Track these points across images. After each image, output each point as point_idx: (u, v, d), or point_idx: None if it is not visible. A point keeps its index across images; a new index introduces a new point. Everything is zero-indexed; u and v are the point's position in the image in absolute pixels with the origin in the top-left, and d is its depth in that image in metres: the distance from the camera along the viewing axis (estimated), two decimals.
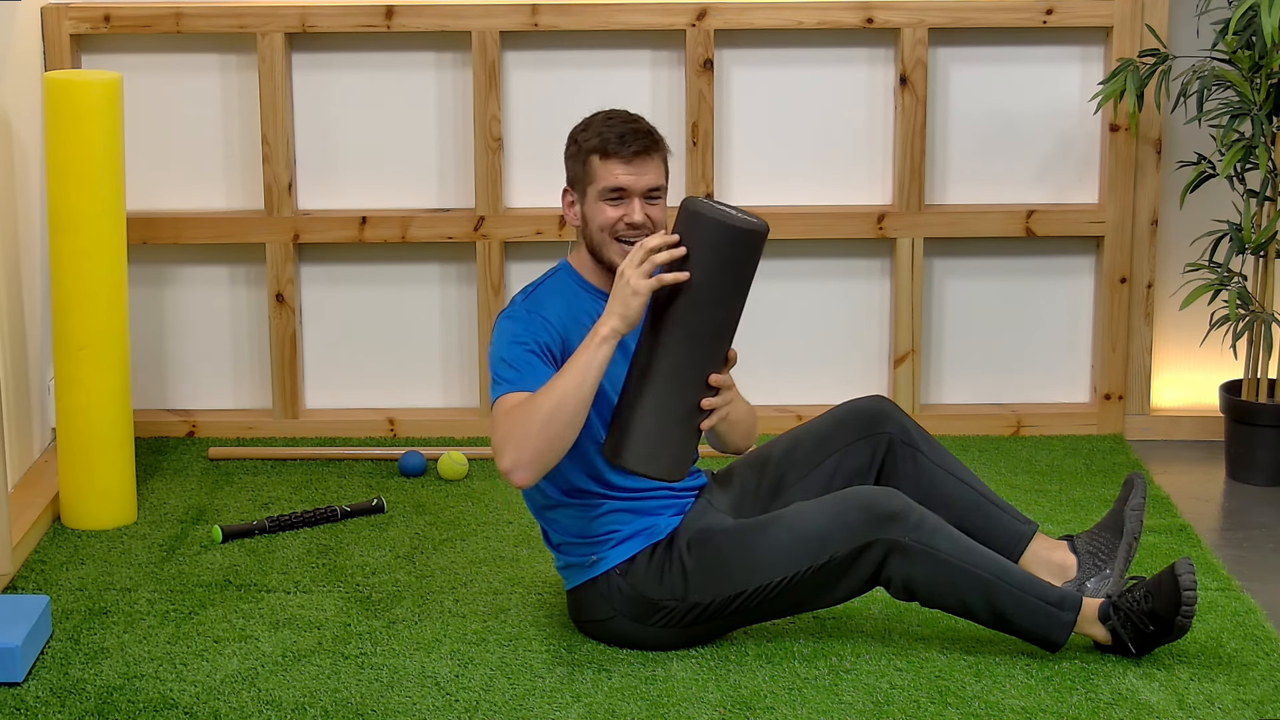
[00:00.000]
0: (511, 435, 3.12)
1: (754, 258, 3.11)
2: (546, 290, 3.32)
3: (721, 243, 3.07)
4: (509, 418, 3.13)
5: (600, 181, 3.24)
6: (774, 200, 4.68)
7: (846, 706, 3.14)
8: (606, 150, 3.23)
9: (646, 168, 3.25)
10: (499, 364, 3.22)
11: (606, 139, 3.24)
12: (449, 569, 3.79)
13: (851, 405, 3.53)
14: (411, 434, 4.69)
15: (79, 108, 3.91)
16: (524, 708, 3.15)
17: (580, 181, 3.28)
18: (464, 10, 4.51)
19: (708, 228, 3.07)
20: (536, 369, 3.19)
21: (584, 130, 3.29)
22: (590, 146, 3.25)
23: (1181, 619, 3.19)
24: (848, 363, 4.76)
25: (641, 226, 3.24)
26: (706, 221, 3.07)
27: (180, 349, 4.73)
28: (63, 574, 3.77)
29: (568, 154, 3.32)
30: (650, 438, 3.11)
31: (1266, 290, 4.34)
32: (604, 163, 3.24)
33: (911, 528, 3.22)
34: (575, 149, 3.29)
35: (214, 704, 3.16)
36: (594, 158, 3.25)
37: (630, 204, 3.24)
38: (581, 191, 3.28)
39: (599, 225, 3.26)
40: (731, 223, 3.06)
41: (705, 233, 3.08)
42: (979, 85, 4.63)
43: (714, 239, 3.07)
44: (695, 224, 3.09)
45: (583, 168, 3.27)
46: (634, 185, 3.24)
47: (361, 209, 4.64)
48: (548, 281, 3.34)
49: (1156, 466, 4.49)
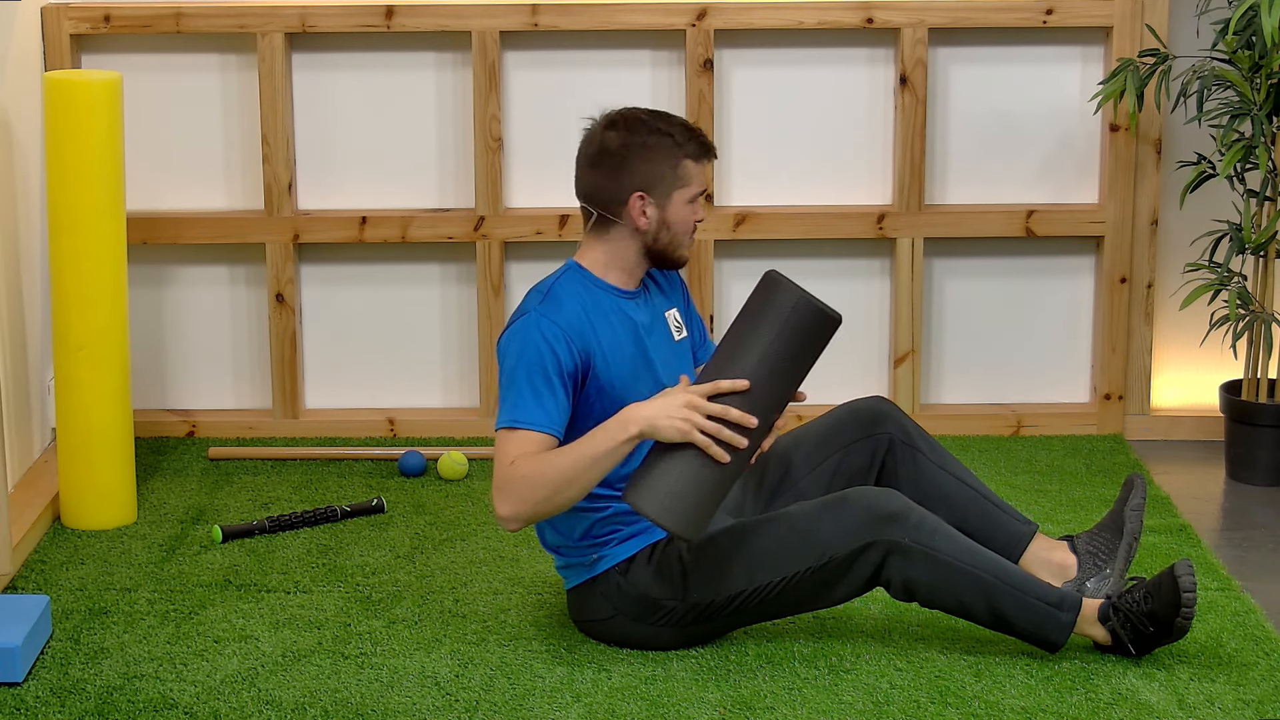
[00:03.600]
0: (515, 490, 3.14)
1: (824, 342, 3.14)
2: (560, 293, 3.27)
3: (801, 323, 3.10)
4: (516, 470, 3.14)
5: (694, 186, 3.28)
6: (774, 200, 4.68)
7: (846, 706, 3.14)
8: (699, 155, 3.28)
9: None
10: (517, 384, 3.19)
11: (701, 145, 3.28)
12: (449, 569, 3.79)
13: (851, 406, 3.53)
14: (411, 434, 4.69)
15: (79, 108, 3.91)
16: (524, 708, 3.15)
17: (665, 184, 3.25)
18: (464, 10, 4.51)
19: (791, 304, 3.09)
20: (549, 400, 3.17)
21: (668, 135, 3.25)
22: (688, 152, 3.26)
23: (1181, 621, 3.19)
24: (848, 363, 4.76)
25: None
26: (789, 295, 3.09)
27: (180, 349, 4.74)
28: (63, 574, 3.77)
29: (647, 158, 3.25)
30: (677, 497, 3.09)
31: (1266, 290, 4.34)
32: (698, 166, 3.28)
33: (911, 528, 3.22)
34: (663, 153, 3.25)
35: (214, 704, 3.17)
36: (689, 163, 3.26)
37: (699, 202, 3.32)
38: (665, 194, 3.26)
39: (685, 228, 3.29)
40: (814, 302, 3.09)
41: (786, 310, 3.10)
42: (979, 85, 4.63)
43: (796, 318, 3.09)
44: (774, 293, 3.11)
45: (673, 171, 3.25)
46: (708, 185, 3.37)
47: (361, 209, 4.64)
48: (559, 282, 3.30)
49: (1156, 466, 4.49)
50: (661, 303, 3.41)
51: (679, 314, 3.44)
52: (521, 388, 3.18)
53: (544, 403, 3.17)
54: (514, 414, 3.18)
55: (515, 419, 3.17)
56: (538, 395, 3.17)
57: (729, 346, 3.13)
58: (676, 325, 3.42)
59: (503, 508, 3.16)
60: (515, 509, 3.15)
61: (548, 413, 3.17)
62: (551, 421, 3.18)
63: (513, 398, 3.19)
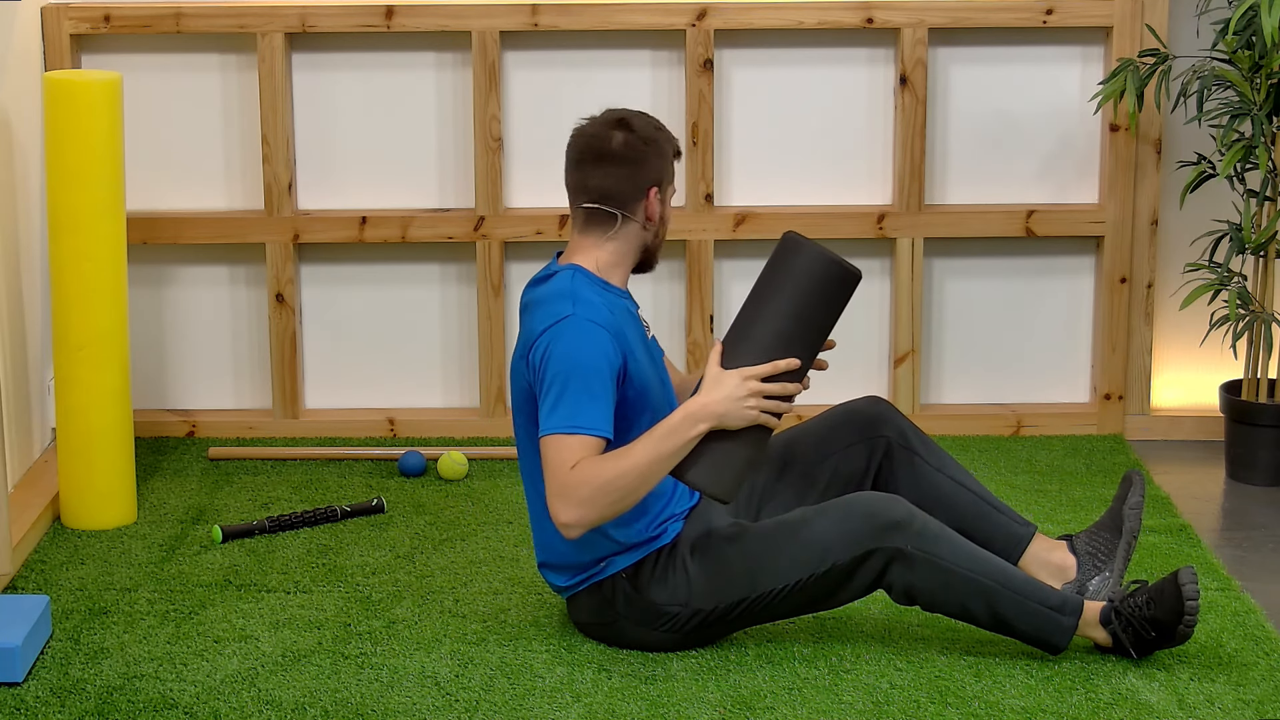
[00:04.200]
0: (581, 494, 3.10)
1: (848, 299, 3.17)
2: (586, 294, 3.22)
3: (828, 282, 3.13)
4: (580, 475, 3.10)
5: (672, 184, 3.34)
6: (774, 200, 4.68)
7: (846, 706, 3.14)
8: (679, 152, 3.34)
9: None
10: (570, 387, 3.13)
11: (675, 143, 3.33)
12: (449, 569, 3.79)
13: (848, 407, 3.53)
14: (411, 434, 4.69)
15: (79, 108, 3.91)
16: (524, 708, 3.15)
17: (664, 181, 3.30)
18: (464, 10, 4.51)
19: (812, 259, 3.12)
20: (608, 402, 3.15)
21: (661, 130, 3.30)
22: (674, 148, 3.32)
23: (1183, 628, 3.19)
24: (847, 363, 4.75)
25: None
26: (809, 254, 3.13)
27: (180, 349, 4.74)
28: (63, 574, 3.77)
29: (659, 153, 3.28)
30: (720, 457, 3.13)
31: (1266, 290, 4.34)
32: (676, 164, 3.35)
33: (914, 536, 3.22)
34: (660, 150, 3.28)
35: (214, 704, 3.16)
36: (675, 161, 3.33)
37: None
38: (665, 191, 3.31)
39: (667, 224, 3.35)
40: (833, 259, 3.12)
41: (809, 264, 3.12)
42: (979, 85, 4.63)
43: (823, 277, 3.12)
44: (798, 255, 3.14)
45: (669, 167, 3.31)
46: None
47: (361, 209, 4.64)
48: (577, 284, 3.24)
49: (1156, 466, 4.49)
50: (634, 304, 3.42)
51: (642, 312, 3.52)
52: (576, 390, 3.13)
53: (599, 405, 3.14)
54: (571, 418, 3.12)
55: (573, 423, 3.12)
56: (593, 398, 3.13)
57: (760, 311, 3.15)
58: (646, 324, 3.43)
59: (568, 514, 3.11)
60: (582, 514, 3.10)
61: (604, 415, 3.14)
62: (607, 424, 3.14)
63: (569, 401, 3.13)
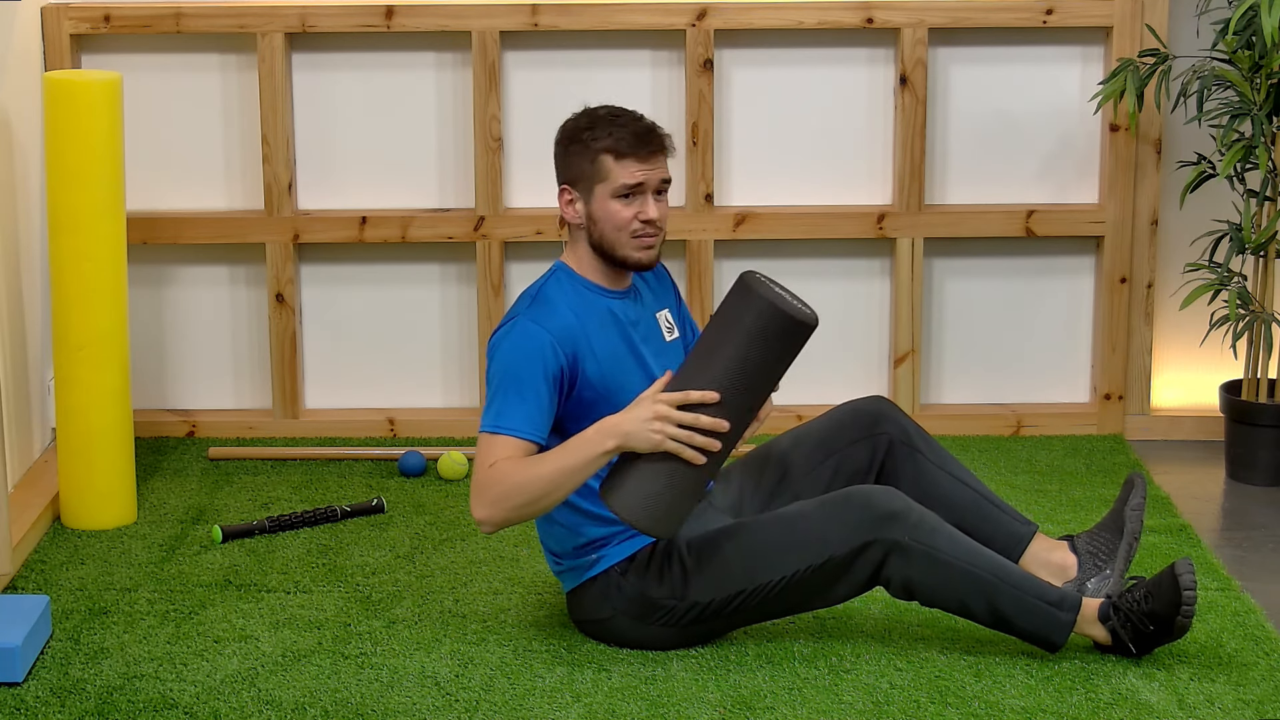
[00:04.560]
0: (492, 495, 3.15)
1: (798, 347, 3.10)
2: (549, 296, 3.28)
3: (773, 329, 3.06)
4: (494, 475, 3.15)
5: (614, 180, 3.23)
6: (774, 200, 4.68)
7: (846, 706, 3.14)
8: (621, 151, 3.22)
9: (659, 162, 3.26)
10: (502, 389, 3.20)
11: (622, 139, 3.23)
12: (449, 569, 3.79)
13: (851, 406, 3.53)
14: (411, 434, 4.69)
15: (79, 108, 3.91)
16: (524, 708, 3.15)
17: (587, 179, 3.25)
18: (464, 10, 4.51)
19: (762, 310, 3.05)
20: (533, 406, 3.18)
21: (589, 129, 3.25)
22: (603, 146, 3.23)
23: (1181, 619, 3.19)
24: (848, 363, 4.76)
25: (656, 221, 3.26)
26: (760, 302, 3.05)
27: (180, 349, 4.74)
28: (63, 574, 3.77)
29: (568, 151, 3.28)
30: (651, 498, 3.10)
31: (1266, 290, 4.34)
32: (619, 163, 3.22)
33: (911, 527, 3.22)
34: (579, 148, 3.25)
35: (214, 704, 3.16)
36: (607, 158, 3.23)
37: (645, 200, 3.25)
38: (587, 190, 3.26)
39: (614, 225, 3.25)
40: (785, 309, 3.04)
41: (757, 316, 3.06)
42: (979, 85, 4.63)
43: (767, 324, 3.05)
44: (745, 299, 3.07)
45: (591, 166, 3.24)
46: (649, 180, 3.24)
47: (361, 209, 4.64)
48: (550, 284, 3.31)
49: (1156, 466, 4.49)
50: (652, 303, 3.42)
51: (670, 315, 3.45)
52: (507, 392, 3.19)
53: (527, 408, 3.18)
54: (497, 419, 3.19)
55: (498, 424, 3.18)
56: (522, 400, 3.18)
57: (702, 351, 3.12)
58: (668, 326, 3.42)
59: (479, 510, 3.17)
60: (490, 513, 3.16)
61: (530, 419, 3.18)
62: (534, 428, 3.18)
63: (498, 403, 3.20)
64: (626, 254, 3.27)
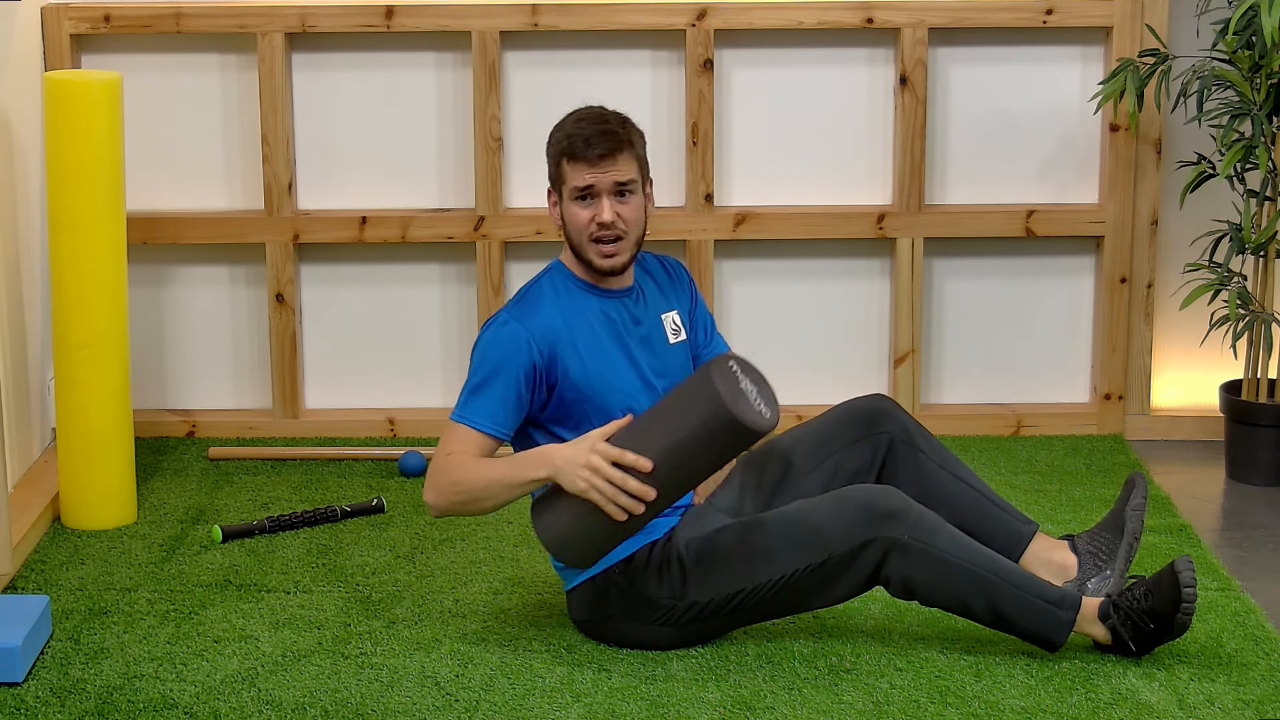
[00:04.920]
0: (440, 484, 3.22)
1: (744, 446, 3.09)
2: (539, 293, 3.33)
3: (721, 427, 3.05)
4: (447, 465, 3.21)
5: (569, 182, 3.27)
6: (774, 200, 4.68)
7: (846, 706, 3.14)
8: (572, 153, 3.26)
9: (611, 165, 3.25)
10: (472, 381, 3.27)
11: (573, 141, 3.25)
12: (449, 569, 3.79)
13: (852, 405, 3.53)
14: (411, 434, 4.69)
15: (79, 108, 3.91)
16: (524, 708, 3.15)
17: (556, 182, 3.32)
18: (464, 10, 4.51)
19: (709, 398, 3.04)
20: (499, 399, 3.23)
21: (556, 130, 3.32)
22: (559, 149, 3.28)
23: (1181, 617, 3.19)
24: (848, 363, 4.76)
25: (611, 225, 3.26)
26: (713, 397, 3.04)
27: (180, 349, 4.74)
28: (63, 574, 3.77)
29: (547, 153, 3.34)
30: (571, 533, 3.16)
31: (1266, 290, 4.34)
32: (571, 165, 3.26)
33: (911, 526, 3.22)
34: (550, 149, 3.33)
35: (214, 704, 3.16)
36: (563, 160, 3.28)
37: (599, 203, 3.26)
38: (559, 192, 3.32)
39: (575, 228, 3.29)
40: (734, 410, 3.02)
41: (704, 401, 3.05)
42: (979, 85, 4.63)
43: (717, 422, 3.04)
44: (702, 388, 3.06)
45: (556, 169, 3.30)
46: (600, 183, 3.25)
47: (361, 209, 4.64)
48: (541, 282, 3.35)
49: (1156, 466, 4.49)
50: (658, 304, 3.42)
51: (679, 316, 3.44)
52: (476, 386, 3.26)
53: (492, 403, 3.24)
54: (463, 410, 3.26)
55: (462, 414, 3.25)
56: (489, 395, 3.24)
57: (655, 415, 3.13)
58: (674, 328, 3.42)
59: (427, 494, 3.24)
60: (435, 499, 3.23)
61: (493, 414, 3.24)
62: (495, 423, 3.24)
63: (465, 394, 3.27)
64: (590, 258, 3.30)
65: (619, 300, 3.35)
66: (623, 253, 3.29)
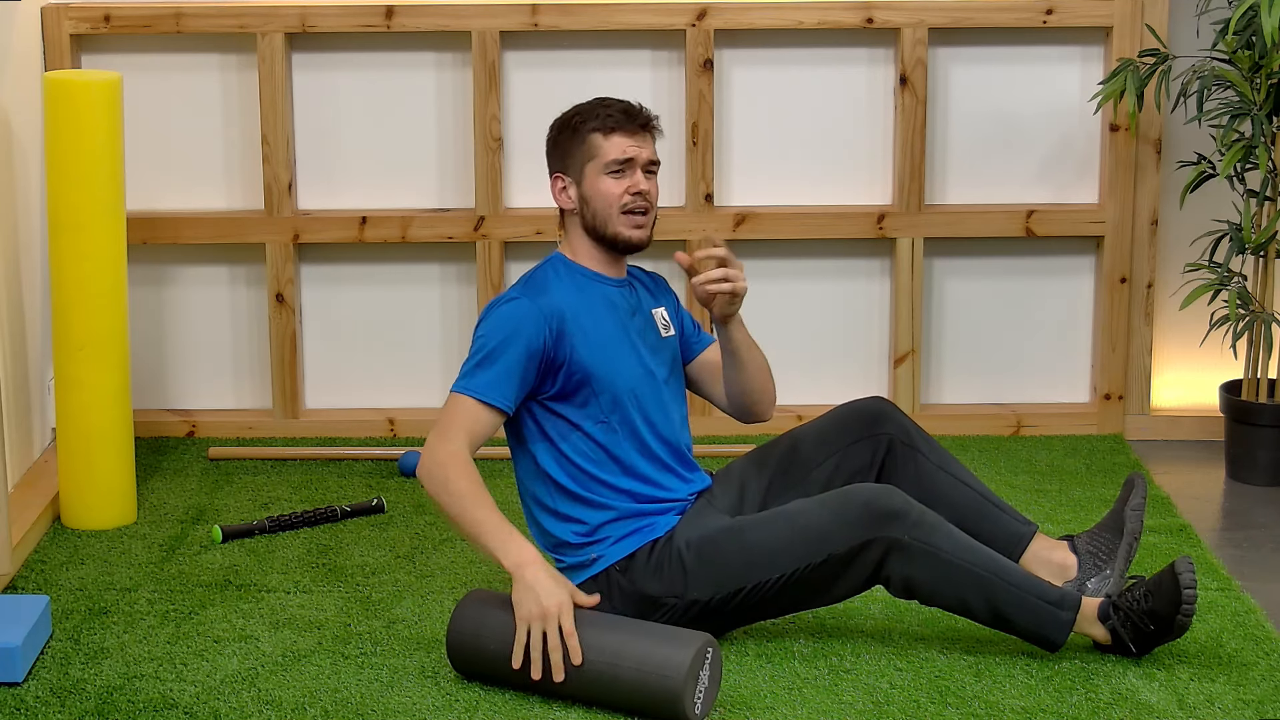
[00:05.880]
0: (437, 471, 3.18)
1: (648, 710, 3.07)
2: (545, 277, 3.35)
3: (659, 693, 3.03)
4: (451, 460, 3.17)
5: (604, 156, 3.31)
6: (774, 200, 4.68)
7: (846, 706, 3.14)
8: (610, 126, 3.32)
9: (646, 141, 3.35)
10: (476, 354, 3.26)
11: (610, 115, 3.33)
12: (449, 569, 3.79)
13: (852, 406, 3.53)
14: (411, 434, 4.69)
15: (79, 108, 3.91)
16: (524, 707, 3.15)
17: (577, 162, 3.33)
18: (464, 10, 4.51)
19: (671, 686, 3.01)
20: (503, 373, 3.23)
21: (577, 114, 3.36)
22: (592, 126, 3.32)
23: (1182, 618, 3.19)
24: (848, 363, 4.76)
25: (646, 194, 3.32)
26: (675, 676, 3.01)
27: (180, 349, 4.74)
28: (63, 574, 3.77)
29: (557, 139, 3.37)
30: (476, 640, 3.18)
31: (1266, 290, 4.34)
32: (608, 138, 3.31)
33: (911, 526, 3.22)
34: (570, 133, 3.35)
35: (214, 704, 3.16)
36: (596, 135, 3.32)
37: (635, 174, 3.32)
38: (579, 172, 3.33)
39: (605, 201, 3.32)
40: (680, 696, 3.00)
41: (663, 678, 3.02)
42: (979, 85, 4.63)
43: (658, 686, 3.02)
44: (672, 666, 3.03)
45: (582, 147, 3.32)
46: (639, 155, 3.33)
47: (361, 209, 4.65)
48: (545, 268, 3.38)
49: (1156, 466, 4.49)
50: (649, 301, 3.47)
51: (666, 313, 3.49)
52: (483, 358, 3.25)
53: (498, 375, 3.23)
54: (467, 381, 3.24)
55: (467, 386, 3.24)
56: (493, 368, 3.23)
57: (625, 630, 3.12)
58: (664, 323, 3.46)
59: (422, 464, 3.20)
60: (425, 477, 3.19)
61: (498, 385, 3.23)
62: (500, 394, 3.23)
63: (470, 366, 3.26)
64: (618, 230, 3.33)
65: (620, 289, 3.39)
66: (648, 226, 3.36)
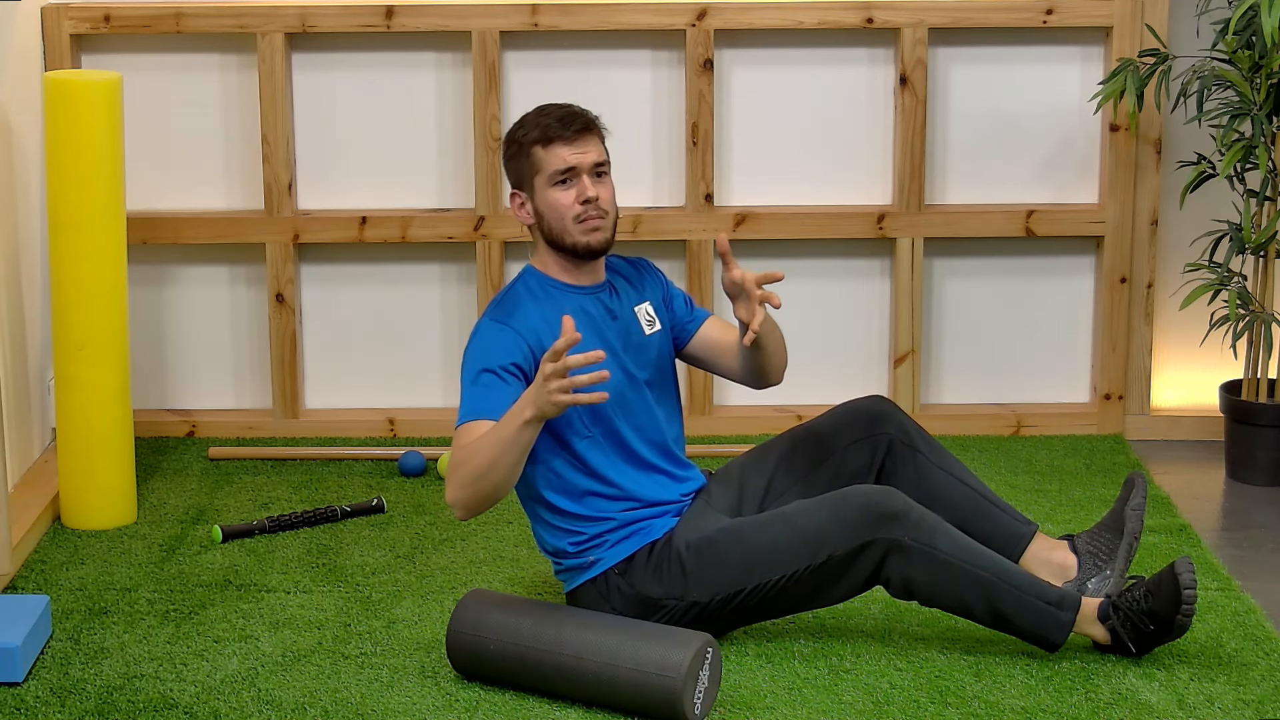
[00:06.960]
0: (455, 475, 3.17)
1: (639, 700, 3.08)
2: (515, 297, 3.35)
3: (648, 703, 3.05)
4: (457, 457, 3.18)
5: (548, 168, 3.30)
6: (774, 200, 4.68)
7: (846, 706, 3.14)
8: (548, 137, 3.30)
9: (588, 145, 3.32)
10: (465, 387, 3.27)
11: (546, 126, 3.30)
12: (449, 569, 3.79)
13: (851, 406, 3.53)
14: (411, 434, 4.69)
15: (79, 108, 3.91)
16: (524, 707, 3.15)
17: (527, 177, 3.33)
18: (464, 10, 4.51)
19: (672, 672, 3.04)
20: (498, 391, 3.21)
21: (520, 129, 3.35)
22: (531, 139, 3.31)
23: (1181, 618, 3.19)
24: (848, 363, 4.76)
25: (595, 200, 3.30)
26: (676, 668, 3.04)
27: (180, 349, 4.74)
28: (63, 574, 3.77)
29: (507, 156, 3.37)
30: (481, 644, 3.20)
31: (1266, 290, 4.34)
32: (549, 149, 3.30)
33: (911, 527, 3.22)
34: (515, 148, 3.34)
35: (214, 704, 3.16)
36: (537, 149, 3.31)
37: (580, 181, 3.30)
38: (530, 187, 3.33)
39: (558, 213, 3.31)
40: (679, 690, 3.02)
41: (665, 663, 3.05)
42: (979, 85, 4.63)
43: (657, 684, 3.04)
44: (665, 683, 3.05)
45: (527, 161, 3.32)
46: (581, 162, 3.30)
47: (361, 209, 4.64)
48: (515, 287, 3.38)
49: (1156, 466, 4.49)
50: (631, 297, 3.45)
51: (651, 308, 3.47)
52: (470, 386, 3.25)
53: (493, 393, 3.22)
54: (469, 408, 3.24)
55: (470, 412, 3.23)
56: (485, 388, 3.23)
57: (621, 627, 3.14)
58: (648, 319, 3.45)
59: (448, 493, 3.19)
60: (455, 495, 3.17)
61: (498, 402, 3.21)
62: (497, 411, 3.20)
63: (465, 396, 3.26)
64: (575, 240, 3.32)
65: (594, 296, 3.38)
66: (606, 229, 3.33)
